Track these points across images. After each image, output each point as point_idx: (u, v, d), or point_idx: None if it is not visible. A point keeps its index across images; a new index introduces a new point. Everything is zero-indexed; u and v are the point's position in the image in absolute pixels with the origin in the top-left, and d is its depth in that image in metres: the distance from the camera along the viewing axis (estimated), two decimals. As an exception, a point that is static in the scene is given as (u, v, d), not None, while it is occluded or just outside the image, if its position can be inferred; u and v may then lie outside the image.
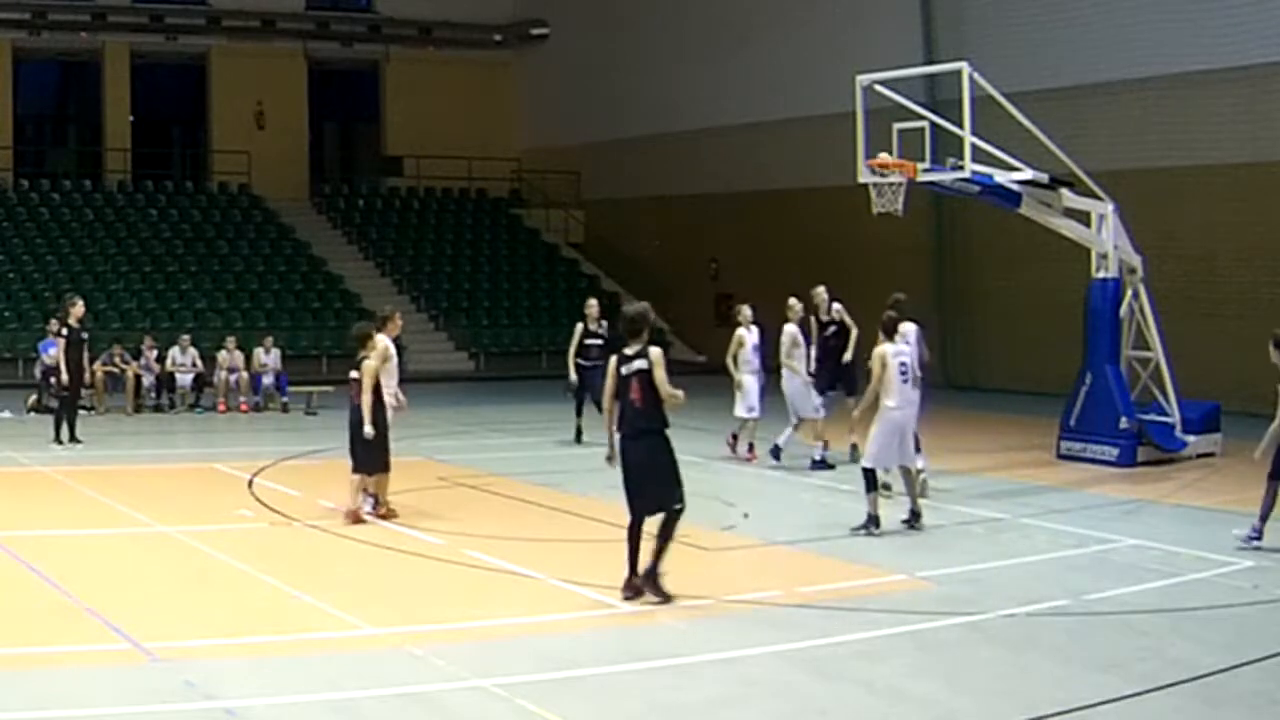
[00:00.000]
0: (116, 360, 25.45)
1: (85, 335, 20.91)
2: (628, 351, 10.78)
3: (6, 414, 23.83)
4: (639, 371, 10.68)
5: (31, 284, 32.13)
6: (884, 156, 18.23)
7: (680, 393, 10.69)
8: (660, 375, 10.61)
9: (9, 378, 28.13)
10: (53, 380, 21.48)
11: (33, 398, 24.90)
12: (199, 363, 26.06)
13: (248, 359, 26.08)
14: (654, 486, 10.68)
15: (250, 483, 16.68)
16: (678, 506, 10.68)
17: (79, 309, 20.66)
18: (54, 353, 25.46)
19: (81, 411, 24.66)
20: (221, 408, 25.50)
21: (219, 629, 9.96)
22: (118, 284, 32.89)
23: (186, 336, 26.39)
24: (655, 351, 10.74)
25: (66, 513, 14.99)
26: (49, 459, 18.94)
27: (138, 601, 10.74)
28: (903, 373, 13.65)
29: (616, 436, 10.82)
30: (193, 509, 15.03)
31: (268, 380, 25.99)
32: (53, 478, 17.31)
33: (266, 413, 25.64)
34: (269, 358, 26.09)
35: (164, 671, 8.90)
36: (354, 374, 14.04)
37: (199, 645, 9.52)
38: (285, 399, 25.85)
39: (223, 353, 25.95)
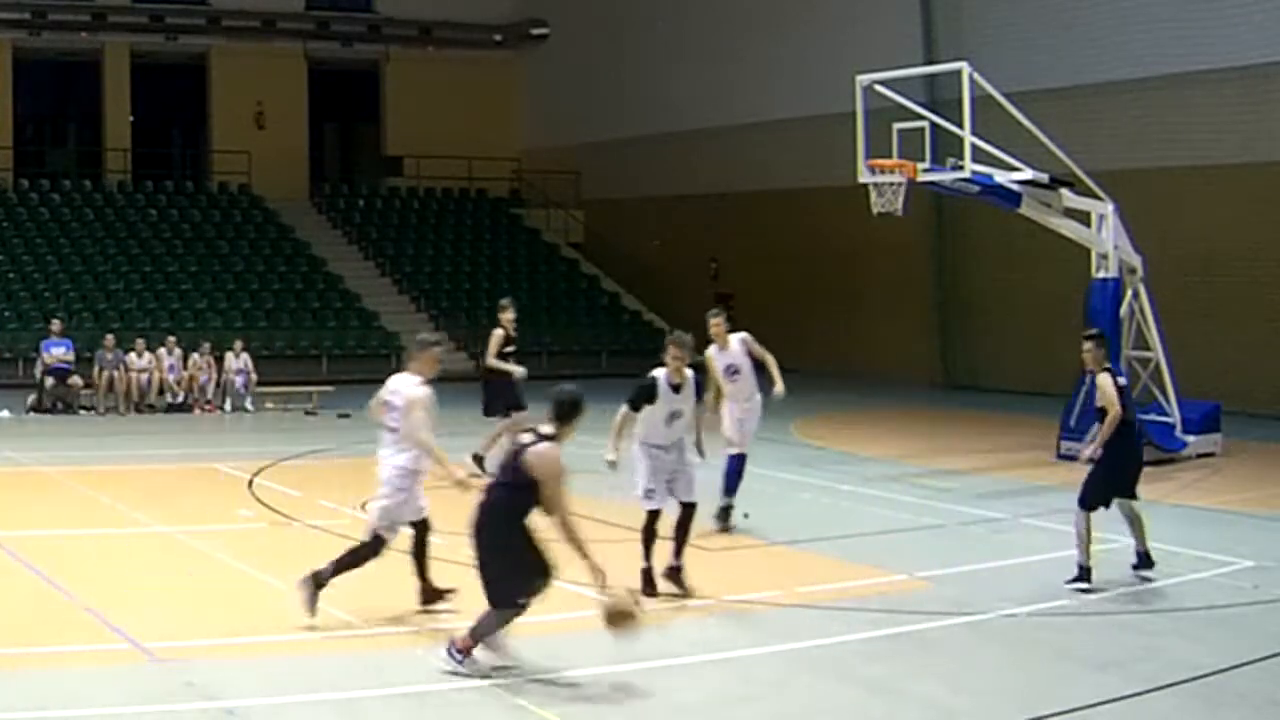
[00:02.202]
0: (108, 359, 25.33)
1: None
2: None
3: (6, 414, 23.83)
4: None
5: (31, 284, 32.10)
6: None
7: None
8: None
9: (9, 378, 28.10)
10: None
11: (32, 398, 24.89)
12: (178, 365, 25.88)
13: (219, 362, 25.93)
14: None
15: (250, 483, 16.68)
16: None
17: (510, 314, 18.03)
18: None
19: (82, 411, 24.78)
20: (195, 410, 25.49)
21: (219, 629, 9.96)
22: (118, 284, 32.86)
23: (173, 339, 26.30)
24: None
25: (66, 513, 14.99)
26: (47, 459, 18.88)
27: (138, 601, 10.74)
28: None
29: None
30: (193, 509, 15.04)
31: (239, 382, 25.86)
32: (53, 478, 17.30)
33: (239, 414, 25.50)
34: (239, 361, 25.96)
35: (164, 671, 8.91)
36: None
37: (199, 645, 9.53)
38: (247, 400, 25.79)
39: (194, 356, 25.82)
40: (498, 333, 17.70)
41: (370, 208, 39.81)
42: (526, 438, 9.07)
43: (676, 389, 11.26)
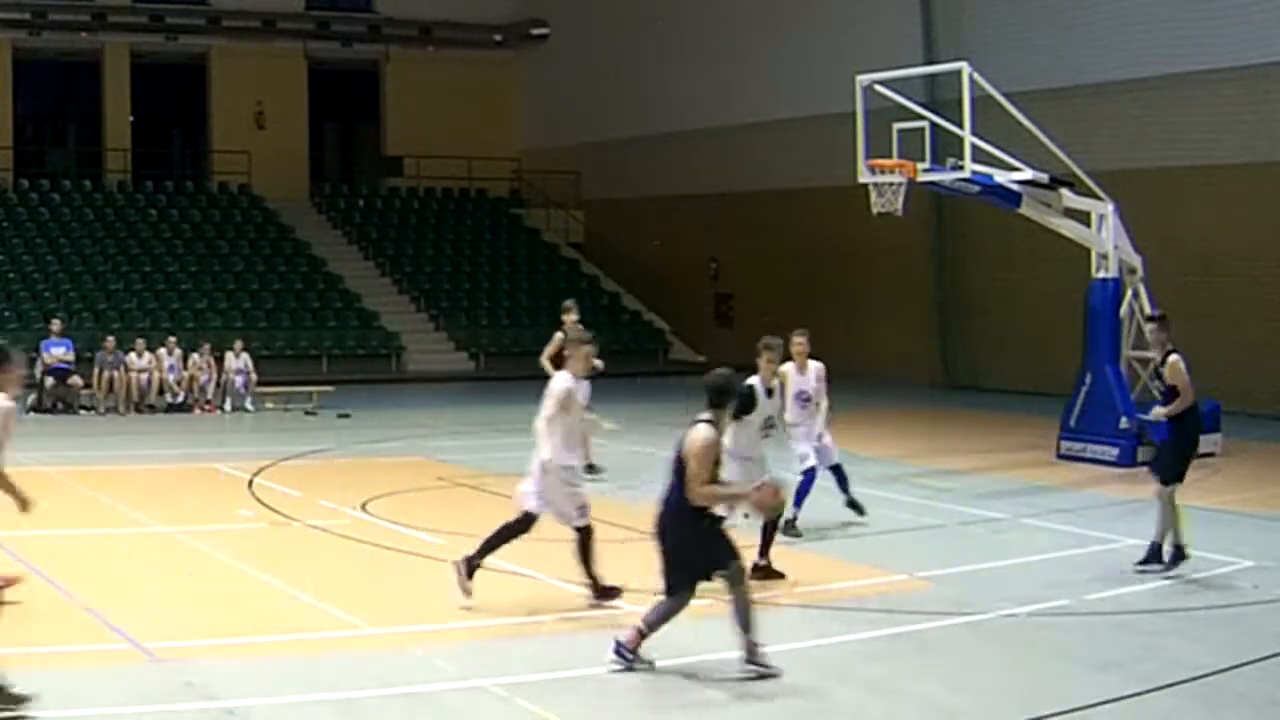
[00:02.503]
0: (108, 359, 25.31)
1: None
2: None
3: (6, 414, 23.80)
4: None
5: (31, 284, 32.11)
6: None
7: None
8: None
9: (9, 378, 28.05)
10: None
11: (32, 398, 24.88)
12: (179, 365, 25.84)
13: (220, 362, 25.92)
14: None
15: (250, 483, 16.68)
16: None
17: (573, 316, 17.84)
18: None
19: (82, 411, 24.78)
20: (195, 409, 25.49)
21: (219, 629, 9.96)
22: (118, 284, 32.88)
23: (173, 339, 26.30)
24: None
25: (66, 513, 14.96)
26: (47, 459, 18.86)
27: (138, 601, 10.75)
28: None
29: None
30: (193, 509, 15.04)
31: (239, 382, 25.84)
32: (53, 478, 17.27)
33: (239, 414, 25.49)
34: (239, 361, 25.94)
35: (164, 671, 8.91)
36: None
37: (199, 645, 9.52)
38: (247, 400, 25.81)
39: (194, 356, 25.81)
40: (557, 336, 17.45)
41: (370, 208, 39.83)
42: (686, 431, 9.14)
43: (770, 393, 12.11)
